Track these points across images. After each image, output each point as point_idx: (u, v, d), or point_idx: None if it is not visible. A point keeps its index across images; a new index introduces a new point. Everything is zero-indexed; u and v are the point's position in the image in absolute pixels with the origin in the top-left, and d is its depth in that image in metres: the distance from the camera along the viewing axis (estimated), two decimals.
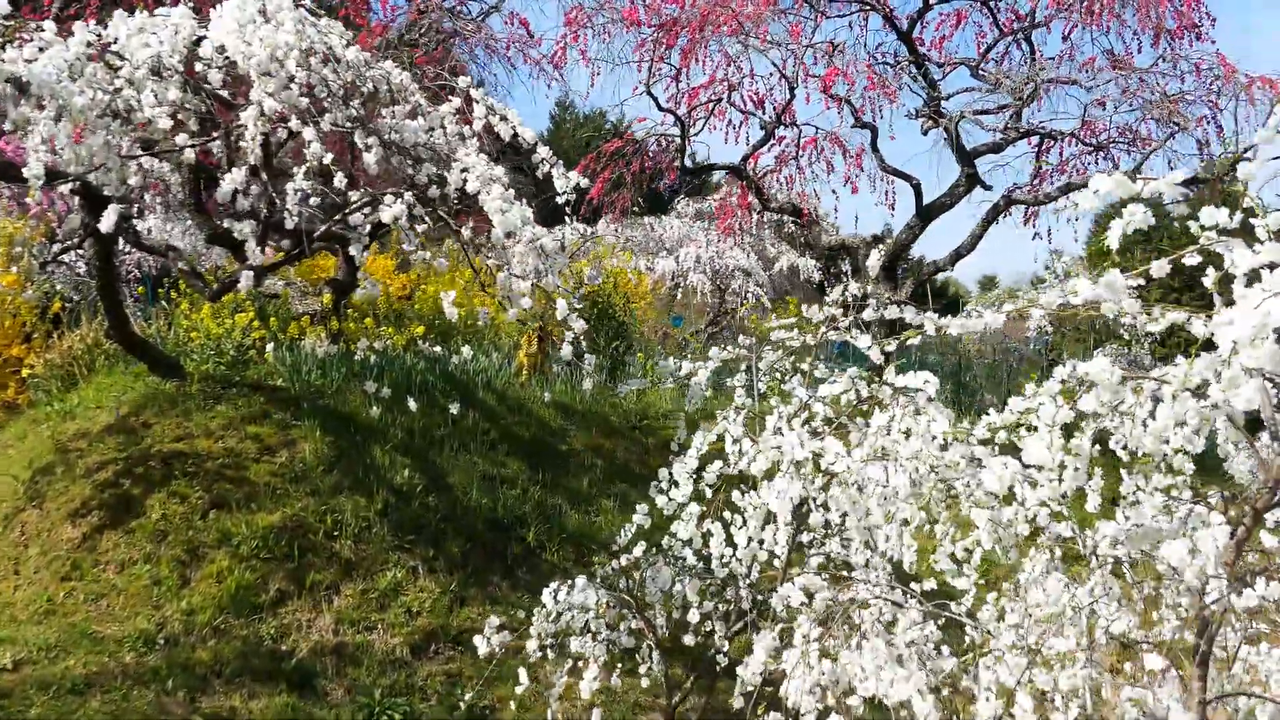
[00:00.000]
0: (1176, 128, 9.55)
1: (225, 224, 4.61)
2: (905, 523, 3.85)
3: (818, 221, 12.14)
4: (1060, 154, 11.62)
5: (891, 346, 4.30)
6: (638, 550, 4.68)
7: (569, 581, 4.43)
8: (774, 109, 12.22)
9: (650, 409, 9.40)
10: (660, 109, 11.29)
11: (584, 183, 5.44)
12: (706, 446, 4.58)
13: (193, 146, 4.48)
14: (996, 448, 3.81)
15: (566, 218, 5.40)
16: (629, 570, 4.80)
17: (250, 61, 4.33)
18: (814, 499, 3.93)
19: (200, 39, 4.72)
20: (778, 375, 5.36)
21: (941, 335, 4.75)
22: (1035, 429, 2.52)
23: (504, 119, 5.48)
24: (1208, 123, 9.97)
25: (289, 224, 4.47)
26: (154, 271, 11.29)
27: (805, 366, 5.88)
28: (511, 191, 5.03)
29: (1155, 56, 9.79)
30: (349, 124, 4.87)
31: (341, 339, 8.53)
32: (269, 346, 7.85)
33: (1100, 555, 3.05)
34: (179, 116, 4.75)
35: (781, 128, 11.98)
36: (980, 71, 10.80)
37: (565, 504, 7.87)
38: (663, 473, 4.69)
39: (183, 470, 6.83)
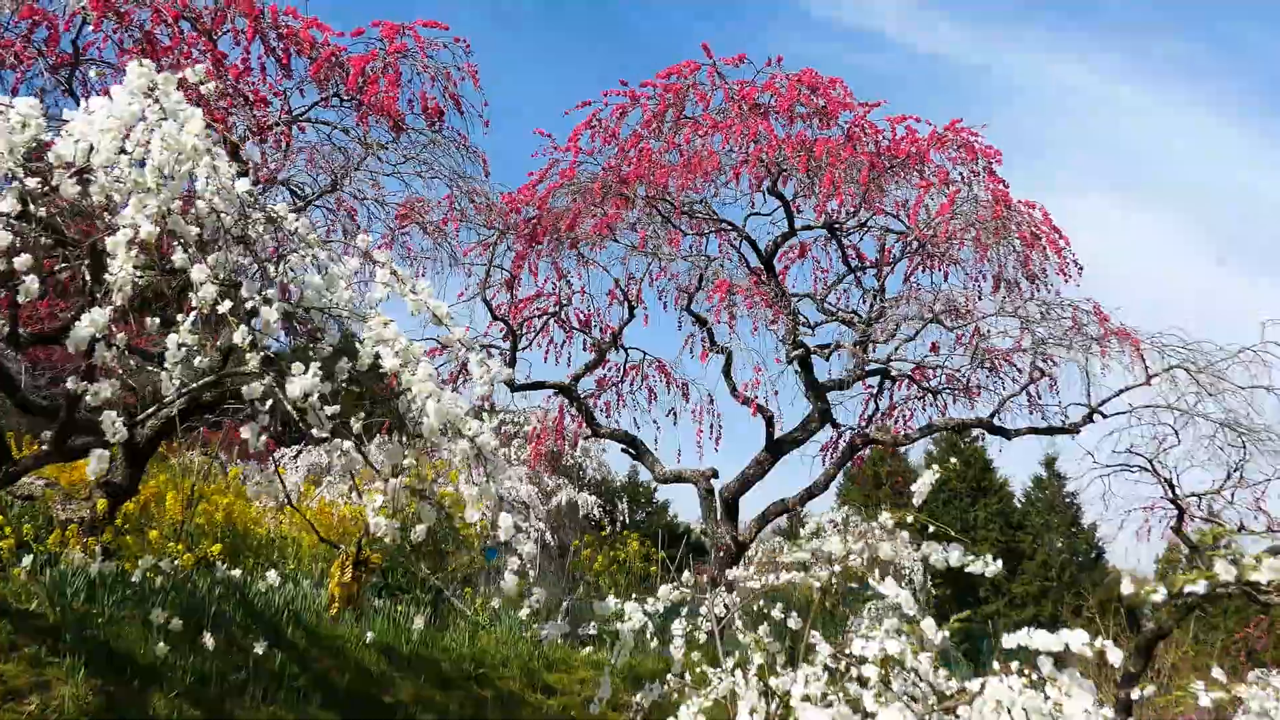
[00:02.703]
0: (1040, 374, 9.56)
1: (66, 383, 3.30)
2: None
3: (649, 451, 11.41)
4: (891, 397, 11.49)
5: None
6: None
7: None
8: (602, 328, 11.65)
9: (486, 655, 8.02)
10: (494, 317, 10.46)
11: (508, 372, 4.47)
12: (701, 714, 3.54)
13: (40, 272, 3.20)
14: None
15: (484, 413, 4.36)
16: None
17: (137, 170, 3.17)
18: None
19: (47, 142, 3.53)
20: (747, 622, 4.44)
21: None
22: None
23: (414, 291, 4.45)
24: (1044, 375, 10.07)
25: (167, 391, 3.22)
26: None
27: (776, 614, 4.96)
28: (434, 370, 3.98)
29: (998, 303, 9.84)
30: (234, 272, 3.72)
31: (117, 555, 6.86)
32: (24, 560, 6.15)
33: None
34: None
35: (613, 350, 11.38)
36: (826, 305, 10.64)
37: None
38: None
39: None
